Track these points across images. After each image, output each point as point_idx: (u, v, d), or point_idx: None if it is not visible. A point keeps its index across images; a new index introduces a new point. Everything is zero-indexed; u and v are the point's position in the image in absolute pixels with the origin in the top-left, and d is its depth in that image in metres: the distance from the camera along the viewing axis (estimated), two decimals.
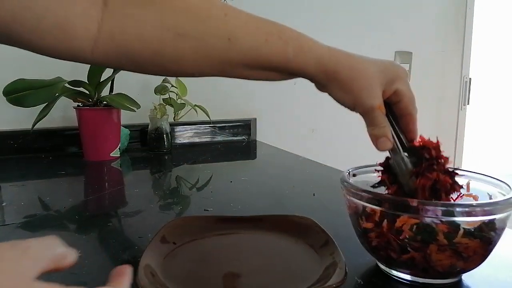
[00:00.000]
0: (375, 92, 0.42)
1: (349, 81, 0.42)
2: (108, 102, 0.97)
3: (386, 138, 0.43)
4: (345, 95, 0.42)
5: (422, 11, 1.63)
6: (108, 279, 0.27)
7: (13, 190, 0.79)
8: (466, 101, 1.75)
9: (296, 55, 0.41)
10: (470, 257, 0.39)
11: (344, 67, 0.42)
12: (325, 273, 0.41)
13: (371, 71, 0.42)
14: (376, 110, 0.42)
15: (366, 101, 0.42)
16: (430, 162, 0.42)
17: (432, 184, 0.42)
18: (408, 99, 0.44)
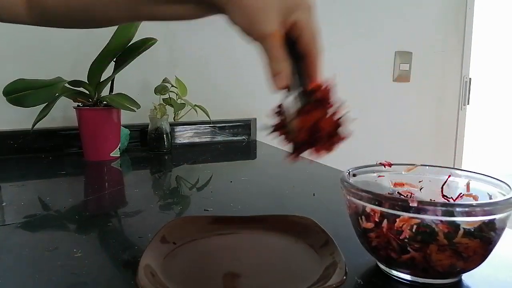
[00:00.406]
0: (272, 16, 0.37)
1: (243, 2, 0.37)
2: (108, 102, 0.97)
3: (282, 75, 0.38)
4: (241, 17, 0.38)
5: (422, 11, 1.63)
6: None
7: (13, 190, 0.79)
8: (466, 101, 1.75)
9: None
10: (470, 257, 0.39)
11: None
12: (325, 273, 0.41)
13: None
14: (270, 39, 0.38)
15: (257, 26, 0.37)
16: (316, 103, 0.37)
17: (314, 125, 0.37)
18: (309, 33, 0.39)
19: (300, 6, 0.39)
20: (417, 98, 1.67)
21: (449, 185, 0.50)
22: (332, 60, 1.49)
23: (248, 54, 1.37)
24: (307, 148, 0.38)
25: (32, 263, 0.47)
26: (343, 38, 1.50)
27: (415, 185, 0.51)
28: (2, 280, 0.43)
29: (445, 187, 0.50)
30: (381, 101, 1.60)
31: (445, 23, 1.68)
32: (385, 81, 1.61)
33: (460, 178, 0.50)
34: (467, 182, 0.48)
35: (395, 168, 0.52)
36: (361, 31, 1.52)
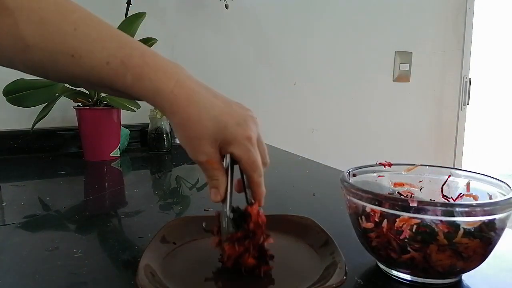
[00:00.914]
0: (202, 147, 0.41)
1: (180, 128, 0.41)
2: (108, 102, 0.97)
3: (216, 190, 0.43)
4: (179, 138, 0.42)
5: (422, 11, 1.63)
6: None
7: (13, 190, 0.78)
8: (466, 101, 1.76)
9: (134, 84, 0.40)
10: (470, 257, 0.39)
11: (178, 111, 0.40)
12: (325, 273, 0.41)
13: (204, 125, 0.40)
14: (204, 164, 0.42)
15: (192, 154, 0.42)
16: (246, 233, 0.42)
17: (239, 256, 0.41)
18: (244, 164, 0.42)
19: (235, 141, 0.41)
20: (417, 98, 1.67)
21: (449, 185, 0.50)
22: (333, 60, 1.49)
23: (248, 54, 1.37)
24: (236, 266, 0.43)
25: (32, 263, 0.47)
26: (343, 38, 1.50)
27: (415, 185, 0.51)
28: (2, 280, 0.43)
29: (445, 187, 0.50)
30: (381, 101, 1.60)
31: (445, 23, 1.68)
32: (385, 81, 1.61)
33: (460, 178, 0.50)
34: (467, 182, 0.49)
35: (395, 168, 0.52)
36: (361, 31, 1.52)
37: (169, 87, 0.40)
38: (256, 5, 1.33)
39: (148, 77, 0.40)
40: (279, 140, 1.30)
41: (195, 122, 0.40)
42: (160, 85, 0.40)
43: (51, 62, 0.39)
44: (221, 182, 0.43)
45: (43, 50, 0.38)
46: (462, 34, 1.71)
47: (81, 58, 0.39)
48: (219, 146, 0.42)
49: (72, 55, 0.39)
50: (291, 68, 1.44)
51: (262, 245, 0.43)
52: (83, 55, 0.39)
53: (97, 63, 0.39)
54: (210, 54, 1.31)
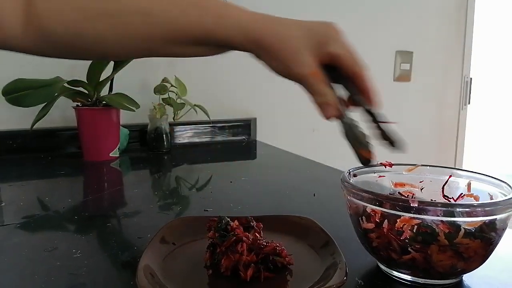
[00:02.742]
0: (304, 59, 0.39)
1: (275, 49, 0.39)
2: (107, 102, 0.96)
3: (329, 105, 0.40)
4: (277, 64, 0.40)
5: (422, 11, 1.63)
6: None
7: (12, 190, 0.78)
8: (467, 101, 1.75)
9: (216, 24, 0.39)
10: (471, 258, 0.39)
11: (268, 34, 0.39)
12: (326, 274, 0.41)
13: (296, 35, 0.39)
14: (309, 78, 0.39)
15: (295, 70, 0.39)
16: (237, 240, 0.42)
17: (236, 264, 0.41)
18: (348, 59, 0.40)
19: (330, 38, 0.40)
20: (417, 98, 1.67)
21: (450, 185, 0.49)
22: None
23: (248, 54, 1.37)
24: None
25: (31, 263, 0.46)
26: None
27: (415, 185, 0.51)
28: (1, 280, 0.43)
29: (446, 187, 0.49)
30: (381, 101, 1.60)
31: (446, 23, 1.68)
32: (386, 81, 1.61)
33: (461, 178, 0.49)
34: (468, 182, 0.48)
35: (396, 168, 0.51)
36: (361, 31, 1.52)
37: (249, 17, 0.39)
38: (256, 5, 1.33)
39: (227, 13, 0.39)
40: (279, 140, 1.30)
41: (288, 37, 0.39)
42: (242, 17, 0.39)
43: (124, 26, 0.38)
44: (331, 95, 0.40)
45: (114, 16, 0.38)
46: (463, 34, 1.71)
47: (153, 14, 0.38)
48: (317, 53, 0.39)
49: (143, 13, 0.38)
50: None
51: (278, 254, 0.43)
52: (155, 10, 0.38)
53: (171, 14, 0.38)
54: None
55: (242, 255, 0.41)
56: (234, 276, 0.41)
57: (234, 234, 0.43)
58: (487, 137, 2.65)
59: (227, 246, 0.42)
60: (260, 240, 0.44)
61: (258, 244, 0.43)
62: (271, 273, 0.42)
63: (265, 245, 0.43)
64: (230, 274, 0.41)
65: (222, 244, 0.42)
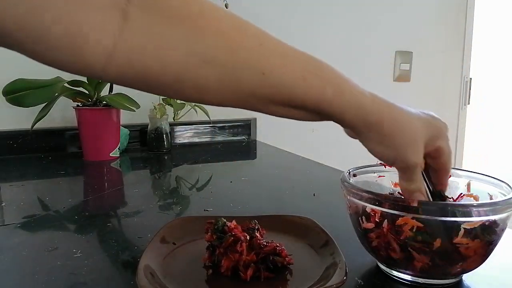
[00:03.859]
0: (420, 148, 0.40)
1: (393, 135, 0.39)
2: (107, 102, 0.96)
3: (421, 193, 0.42)
4: (386, 149, 0.39)
5: (422, 11, 1.63)
6: None
7: (12, 190, 0.78)
8: (467, 101, 1.75)
9: (335, 98, 0.37)
10: (471, 258, 0.39)
11: (387, 119, 0.38)
12: (326, 274, 0.41)
13: (416, 125, 0.40)
14: (418, 167, 0.40)
15: (410, 158, 0.39)
16: (235, 241, 0.42)
17: (235, 265, 0.41)
18: (448, 156, 0.43)
19: (442, 133, 0.42)
20: (417, 98, 1.67)
21: (450, 185, 0.49)
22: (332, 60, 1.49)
23: None
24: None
25: (31, 263, 0.46)
26: (343, 38, 1.49)
27: None
28: (2, 280, 0.43)
29: None
30: None
31: (445, 23, 1.68)
32: (386, 81, 1.61)
33: (460, 178, 0.50)
34: (468, 182, 0.48)
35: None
36: (361, 31, 1.52)
37: (368, 98, 0.38)
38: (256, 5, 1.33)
39: (348, 90, 0.38)
40: (279, 140, 1.30)
41: (409, 125, 0.39)
42: (361, 97, 0.38)
43: (233, 81, 0.35)
44: (422, 184, 0.42)
45: (225, 68, 0.34)
46: (462, 34, 1.71)
47: (272, 75, 0.35)
48: (427, 145, 0.41)
49: (262, 72, 0.35)
50: None
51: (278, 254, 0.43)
52: (275, 72, 0.35)
53: (291, 80, 0.36)
54: None
55: (242, 254, 0.41)
56: (234, 276, 0.41)
57: (232, 235, 0.43)
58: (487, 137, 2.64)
59: (226, 247, 0.42)
60: (260, 240, 0.44)
61: (258, 244, 0.43)
62: (271, 273, 0.42)
63: (265, 245, 0.43)
64: (230, 274, 0.42)
65: (220, 245, 0.42)
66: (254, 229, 0.45)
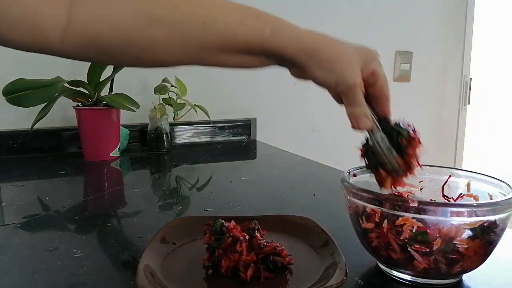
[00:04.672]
0: (356, 69, 0.42)
1: (331, 58, 0.42)
2: (107, 102, 0.96)
3: (367, 117, 0.43)
4: (327, 74, 0.42)
5: (422, 11, 1.63)
6: None
7: (12, 190, 0.78)
8: (467, 101, 1.75)
9: (274, 35, 0.41)
10: (471, 258, 0.39)
11: (324, 45, 0.42)
12: (325, 274, 0.41)
13: (350, 50, 0.43)
14: (358, 88, 0.42)
15: (349, 78, 0.42)
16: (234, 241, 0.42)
17: (236, 265, 0.42)
18: (384, 80, 0.44)
19: (373, 58, 0.44)
20: (417, 98, 1.67)
21: (450, 185, 0.50)
22: None
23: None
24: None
25: (31, 263, 0.46)
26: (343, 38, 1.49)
27: (415, 185, 0.51)
28: (2, 280, 0.43)
29: (445, 187, 0.50)
30: None
31: (445, 23, 1.68)
32: None
33: (460, 178, 0.50)
34: (468, 182, 0.48)
35: None
36: (361, 31, 1.52)
37: (304, 31, 0.42)
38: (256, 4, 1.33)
39: (285, 27, 0.41)
40: (279, 140, 1.30)
41: (343, 49, 0.42)
42: (298, 30, 0.42)
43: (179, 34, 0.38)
44: (367, 109, 0.43)
45: (171, 23, 0.37)
46: (462, 34, 1.71)
47: (214, 24, 0.39)
48: (362, 69, 0.43)
49: (203, 21, 0.38)
50: None
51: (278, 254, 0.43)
52: (215, 19, 0.39)
53: (231, 25, 0.39)
54: None
55: (241, 254, 0.41)
56: (234, 276, 0.41)
57: (230, 235, 0.43)
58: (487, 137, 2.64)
59: (225, 247, 0.42)
60: (260, 240, 0.44)
61: (258, 244, 0.43)
62: (271, 273, 0.42)
63: (265, 245, 0.43)
64: (230, 274, 0.42)
65: (219, 246, 0.42)
66: (254, 229, 0.45)
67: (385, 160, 0.43)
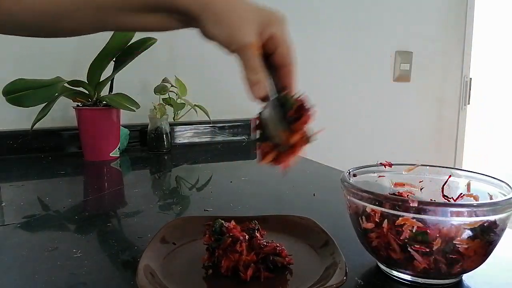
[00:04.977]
0: (251, 28, 0.39)
1: (224, 11, 0.39)
2: (107, 102, 0.96)
3: (259, 84, 0.40)
4: (219, 29, 0.39)
5: (422, 11, 1.63)
6: None
7: (12, 190, 0.78)
8: (467, 101, 1.75)
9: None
10: (471, 258, 0.39)
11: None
12: (326, 274, 0.41)
13: (246, 7, 0.40)
14: (251, 49, 0.39)
15: (241, 36, 0.39)
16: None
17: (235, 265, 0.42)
18: (285, 47, 0.41)
19: (275, 21, 0.41)
20: (417, 98, 1.67)
21: (450, 185, 0.50)
22: (332, 60, 1.49)
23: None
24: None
25: (31, 263, 0.46)
26: (343, 38, 1.49)
27: (415, 185, 0.51)
28: (2, 280, 0.43)
29: (445, 187, 0.50)
30: (381, 101, 1.60)
31: (445, 23, 1.68)
32: (385, 81, 1.61)
33: (460, 178, 0.49)
34: (468, 182, 0.48)
35: (396, 168, 0.52)
36: (361, 31, 1.52)
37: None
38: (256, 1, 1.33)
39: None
40: None
41: (238, 5, 0.39)
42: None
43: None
44: (263, 76, 0.41)
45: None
46: (462, 34, 1.71)
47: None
48: (261, 31, 0.40)
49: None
50: None
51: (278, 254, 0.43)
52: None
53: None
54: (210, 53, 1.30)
55: (241, 254, 0.41)
56: (234, 276, 0.41)
57: (230, 235, 0.42)
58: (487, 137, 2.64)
59: (225, 248, 0.42)
60: (260, 240, 0.44)
61: (258, 244, 0.43)
62: (271, 273, 0.42)
63: (265, 245, 0.43)
64: (230, 274, 0.42)
65: (219, 247, 0.42)
66: (254, 229, 0.45)
67: (271, 133, 0.40)
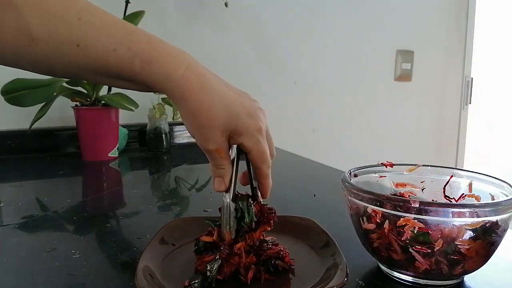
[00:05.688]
0: (213, 136, 0.40)
1: (193, 114, 0.40)
2: (106, 102, 0.96)
3: (221, 179, 0.42)
4: (189, 127, 0.41)
5: (423, 11, 1.63)
6: None
7: (10, 190, 0.78)
8: (468, 100, 1.75)
9: (143, 69, 0.39)
10: (472, 259, 0.39)
11: (191, 97, 0.39)
12: (326, 275, 0.41)
13: (217, 112, 0.40)
14: (212, 153, 0.41)
15: (202, 142, 0.41)
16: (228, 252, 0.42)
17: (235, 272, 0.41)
18: (254, 155, 0.42)
19: (247, 132, 0.41)
20: (418, 97, 1.67)
21: (451, 185, 0.49)
22: (333, 59, 1.49)
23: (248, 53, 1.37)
24: None
25: (30, 264, 0.46)
26: (344, 37, 1.49)
27: (416, 186, 0.51)
28: (0, 281, 0.42)
29: (447, 187, 0.49)
30: (382, 101, 1.60)
31: (447, 22, 1.68)
32: (387, 80, 1.61)
33: (462, 178, 0.49)
34: (469, 183, 0.48)
35: (397, 168, 0.51)
36: (362, 30, 1.52)
37: (179, 71, 0.39)
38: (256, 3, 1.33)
39: (157, 61, 0.39)
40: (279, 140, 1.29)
41: (208, 110, 0.40)
42: (170, 69, 0.39)
43: (56, 54, 0.38)
44: (227, 171, 0.42)
45: (48, 43, 0.37)
46: (464, 33, 1.70)
47: (86, 47, 0.38)
48: (229, 136, 0.41)
49: (77, 44, 0.38)
50: (291, 67, 1.43)
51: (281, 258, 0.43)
52: (89, 44, 0.38)
53: (103, 51, 0.38)
54: (210, 54, 1.30)
55: (241, 257, 0.41)
56: (234, 277, 0.41)
57: (221, 257, 0.41)
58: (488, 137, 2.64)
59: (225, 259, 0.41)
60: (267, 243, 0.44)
61: (261, 246, 0.43)
62: (272, 275, 0.42)
63: (269, 248, 0.43)
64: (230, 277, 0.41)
65: (219, 271, 0.41)
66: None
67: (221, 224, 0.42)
